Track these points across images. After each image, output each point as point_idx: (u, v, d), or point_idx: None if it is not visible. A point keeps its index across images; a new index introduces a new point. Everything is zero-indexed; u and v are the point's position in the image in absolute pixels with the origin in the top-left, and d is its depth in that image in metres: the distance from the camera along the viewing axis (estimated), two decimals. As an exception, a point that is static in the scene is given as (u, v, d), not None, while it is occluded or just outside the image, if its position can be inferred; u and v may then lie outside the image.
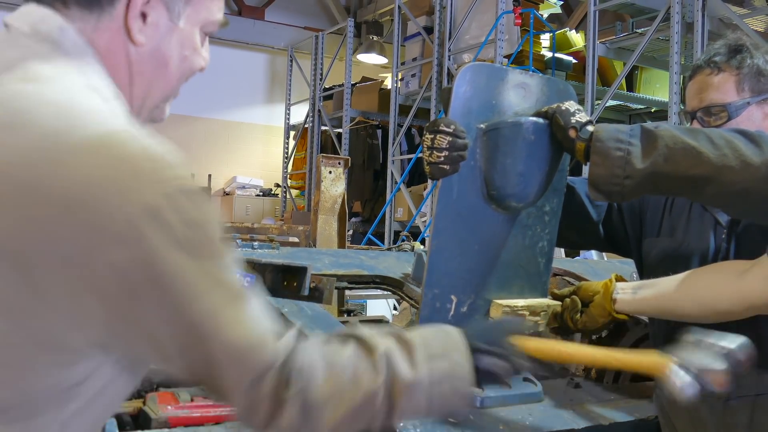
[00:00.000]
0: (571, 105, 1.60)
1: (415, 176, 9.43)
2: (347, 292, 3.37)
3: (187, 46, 1.05)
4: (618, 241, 1.92)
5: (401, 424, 1.41)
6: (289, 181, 11.59)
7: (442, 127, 1.53)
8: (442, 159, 1.53)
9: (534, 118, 1.61)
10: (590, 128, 1.54)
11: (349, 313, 3.12)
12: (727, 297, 1.50)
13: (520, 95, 1.68)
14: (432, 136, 1.54)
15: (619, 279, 1.74)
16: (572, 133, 1.54)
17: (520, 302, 1.65)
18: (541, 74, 1.72)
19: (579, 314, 1.73)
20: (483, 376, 1.08)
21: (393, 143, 9.35)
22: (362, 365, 0.95)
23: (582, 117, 1.56)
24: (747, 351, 1.04)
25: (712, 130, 1.48)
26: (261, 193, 11.48)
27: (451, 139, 1.53)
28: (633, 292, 1.68)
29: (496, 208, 1.66)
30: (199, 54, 1.08)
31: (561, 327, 1.77)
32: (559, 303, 1.74)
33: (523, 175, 1.60)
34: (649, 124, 1.52)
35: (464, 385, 1.04)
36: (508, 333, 1.14)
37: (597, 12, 7.05)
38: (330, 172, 3.64)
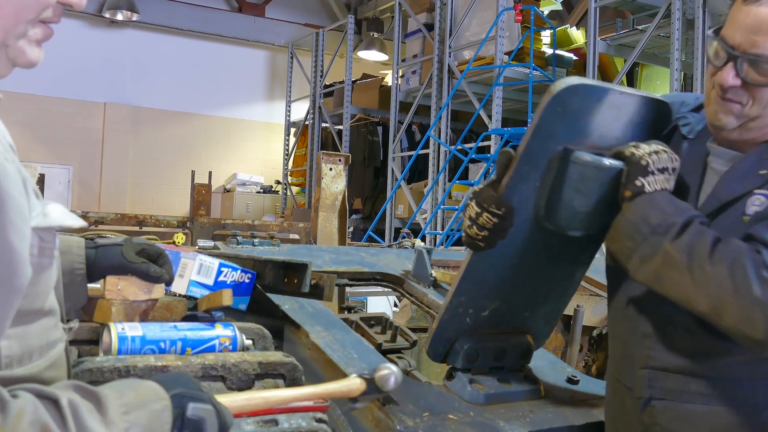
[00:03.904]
0: (655, 159, 1.38)
1: (416, 173, 9.44)
2: (348, 289, 3.36)
3: None
4: None
5: (400, 423, 1.40)
6: (289, 178, 11.62)
7: (492, 209, 1.41)
8: (481, 238, 1.44)
9: (617, 163, 1.42)
10: (639, 200, 1.37)
11: (349, 310, 3.11)
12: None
13: (612, 115, 1.49)
14: (479, 210, 1.42)
15: None
16: (626, 193, 1.38)
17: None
18: (642, 93, 1.53)
19: None
20: (188, 425, 0.96)
21: (393, 140, 9.36)
22: (48, 419, 0.82)
23: (651, 182, 1.36)
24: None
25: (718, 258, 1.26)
26: (261, 190, 11.50)
27: (498, 221, 1.42)
28: None
29: (545, 226, 1.53)
30: None
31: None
32: None
33: (589, 214, 1.46)
34: (694, 233, 1.31)
35: None
36: (196, 382, 1.03)
37: (597, 9, 7.05)
38: (330, 169, 3.64)
